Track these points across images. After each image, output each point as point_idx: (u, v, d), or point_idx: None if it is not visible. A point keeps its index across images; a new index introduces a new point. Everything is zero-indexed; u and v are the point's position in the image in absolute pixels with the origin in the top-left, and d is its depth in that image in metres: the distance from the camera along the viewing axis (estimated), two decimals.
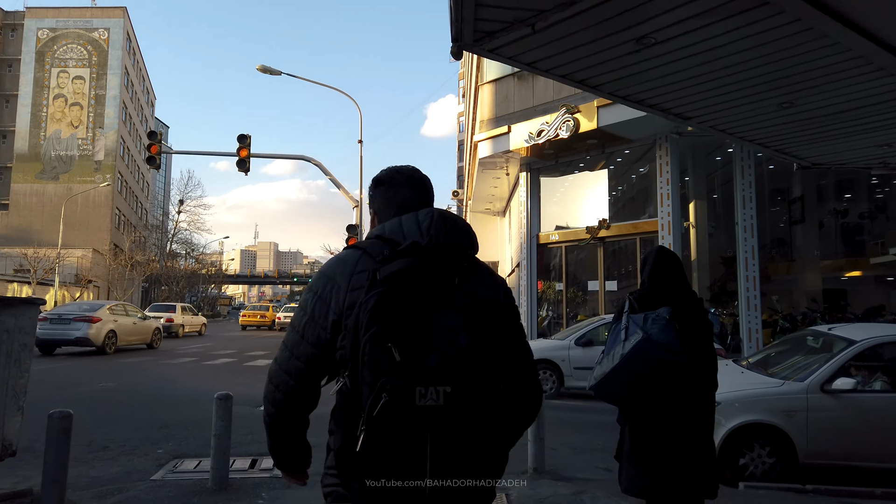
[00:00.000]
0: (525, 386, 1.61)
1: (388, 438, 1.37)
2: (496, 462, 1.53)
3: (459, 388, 1.39)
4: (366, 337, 1.39)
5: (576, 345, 11.07)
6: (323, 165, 19.20)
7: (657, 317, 2.99)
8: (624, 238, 15.16)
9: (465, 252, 1.57)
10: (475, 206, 23.56)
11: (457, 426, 1.39)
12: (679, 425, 3.02)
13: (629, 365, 2.96)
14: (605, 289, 15.32)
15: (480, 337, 1.45)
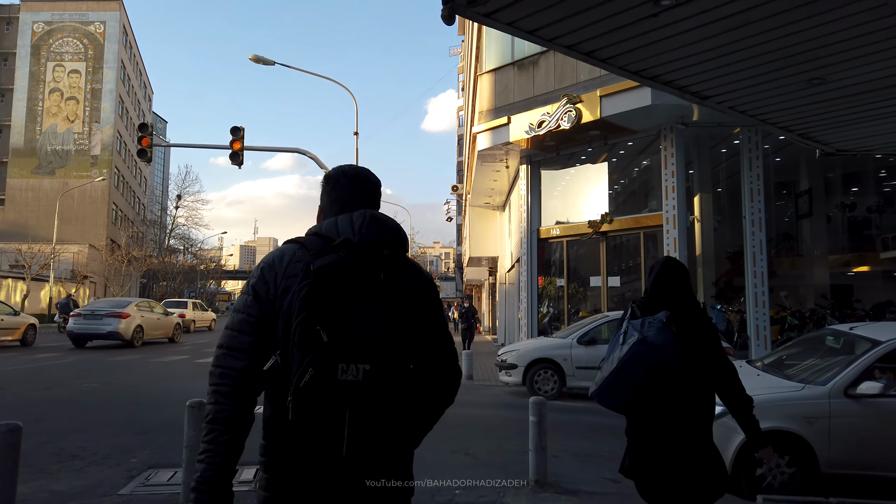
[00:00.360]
0: (442, 370, 1.79)
1: (312, 408, 1.52)
2: (411, 435, 1.72)
3: (377, 366, 1.56)
4: (297, 320, 1.55)
5: (578, 343, 10.65)
6: (318, 158, 18.75)
7: (654, 320, 2.98)
8: (627, 232, 14.71)
9: (393, 250, 1.73)
10: (474, 200, 23.10)
11: (373, 400, 1.56)
12: (678, 429, 2.99)
13: (626, 368, 2.95)
14: (607, 285, 14.88)
15: (400, 324, 1.64)
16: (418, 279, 1.79)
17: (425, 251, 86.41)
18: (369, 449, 1.61)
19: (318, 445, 1.57)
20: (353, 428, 1.57)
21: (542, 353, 10.79)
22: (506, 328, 22.88)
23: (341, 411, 1.55)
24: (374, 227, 1.73)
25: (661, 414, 3.00)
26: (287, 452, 1.61)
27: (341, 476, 1.60)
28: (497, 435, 7.49)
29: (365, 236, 1.70)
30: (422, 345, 1.75)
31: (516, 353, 10.96)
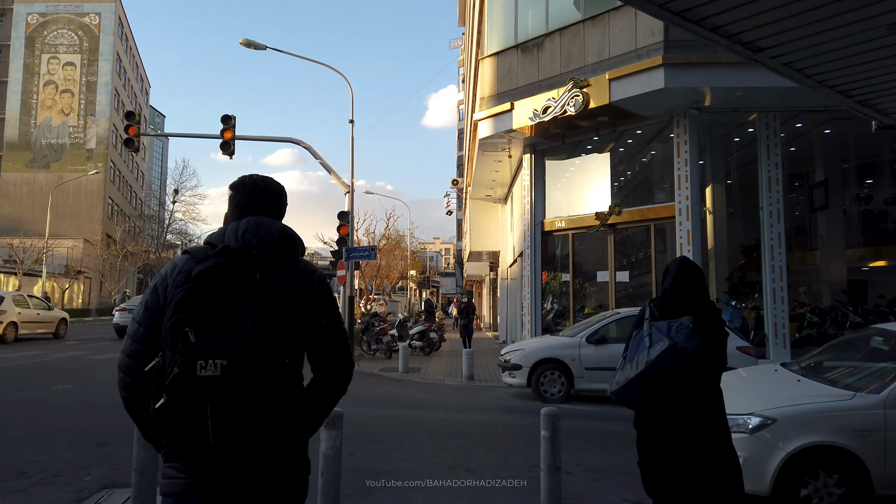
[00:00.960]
0: (328, 362, 1.99)
1: (179, 402, 1.71)
2: (284, 420, 1.80)
3: (234, 361, 1.70)
4: (169, 323, 1.76)
5: (587, 342, 9.91)
6: (312, 148, 17.99)
7: (681, 325, 3.05)
8: (636, 224, 13.95)
9: (277, 252, 1.91)
10: (475, 193, 22.33)
11: (232, 392, 1.70)
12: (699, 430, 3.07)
13: (655, 371, 2.99)
14: (615, 280, 14.13)
15: (275, 321, 1.79)
16: (307, 278, 1.95)
17: (425, 247, 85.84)
18: (238, 436, 1.73)
19: (189, 434, 1.72)
20: (216, 417, 1.69)
21: (549, 352, 10.05)
22: (507, 325, 22.16)
23: (203, 403, 1.69)
24: (258, 231, 1.90)
25: (683, 415, 3.08)
26: (169, 443, 1.77)
27: (215, 461, 1.74)
28: (501, 446, 6.75)
29: (246, 242, 1.88)
30: (312, 338, 1.92)
31: (521, 353, 10.22)
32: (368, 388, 11.46)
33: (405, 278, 39.85)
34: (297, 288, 1.89)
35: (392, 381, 12.59)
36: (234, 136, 18.28)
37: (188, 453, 1.74)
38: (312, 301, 1.92)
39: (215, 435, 1.70)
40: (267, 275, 1.84)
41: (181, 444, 1.74)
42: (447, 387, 11.96)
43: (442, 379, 12.91)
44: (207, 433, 1.69)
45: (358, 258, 15.60)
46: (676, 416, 3.13)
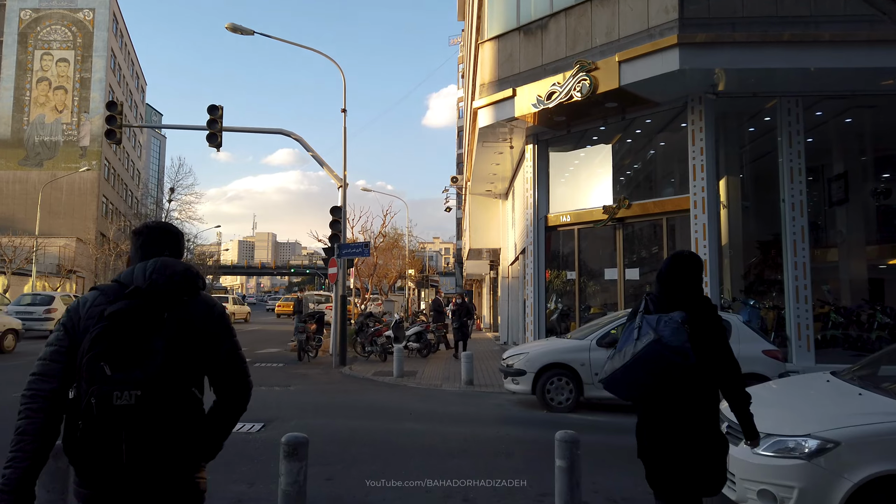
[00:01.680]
0: (228, 387, 2.16)
1: (95, 429, 1.89)
2: (196, 445, 2.05)
3: (148, 391, 1.90)
4: (86, 358, 1.93)
5: (598, 345, 9.01)
6: (304, 140, 17.11)
7: (669, 320, 3.08)
8: (647, 218, 13.05)
9: (180, 290, 2.09)
10: (475, 188, 21.42)
11: (144, 419, 1.90)
12: (685, 422, 3.13)
13: (639, 364, 3.06)
14: (624, 277, 13.23)
15: (181, 353, 2.00)
16: (208, 311, 2.17)
17: (424, 246, 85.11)
18: (147, 458, 1.93)
19: (103, 457, 1.91)
20: (130, 442, 1.90)
21: (556, 357, 9.15)
22: (508, 325, 21.26)
23: (118, 431, 1.90)
24: (164, 272, 2.09)
25: (668, 407, 3.14)
26: (80, 468, 1.96)
27: (127, 480, 1.94)
28: (505, 469, 5.84)
29: (154, 282, 2.06)
30: (213, 365, 2.14)
31: (525, 358, 9.32)
32: (358, 396, 10.57)
33: (403, 277, 38.89)
34: (197, 321, 2.10)
35: (385, 387, 11.69)
36: (222, 127, 17.41)
37: (102, 474, 1.93)
38: (213, 331, 2.14)
39: (128, 457, 1.90)
40: (173, 310, 2.05)
41: (93, 466, 1.92)
42: (445, 393, 11.06)
43: (439, 384, 12.02)
44: (121, 455, 1.89)
45: (351, 255, 14.71)
46: (664, 409, 3.19)
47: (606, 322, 9.76)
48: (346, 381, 12.44)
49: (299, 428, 7.58)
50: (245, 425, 7.56)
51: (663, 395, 3.15)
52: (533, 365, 9.13)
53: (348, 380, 12.73)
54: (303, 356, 15.36)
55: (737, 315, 9.73)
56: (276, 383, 11.75)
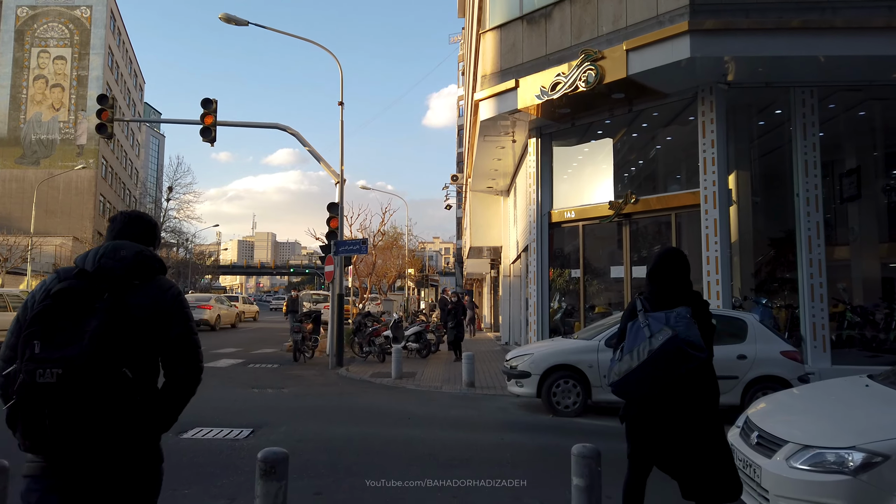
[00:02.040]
0: (176, 368, 2.22)
1: (24, 404, 1.96)
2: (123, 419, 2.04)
3: (69, 371, 1.94)
4: (23, 335, 2.01)
5: (607, 346, 8.53)
6: (300, 135, 16.64)
7: (679, 315, 3.12)
8: (655, 214, 12.58)
9: (131, 273, 2.18)
10: (476, 185, 20.95)
11: (66, 397, 1.95)
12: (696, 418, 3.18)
13: (658, 361, 3.03)
14: (631, 276, 12.76)
15: (112, 335, 2.02)
16: (161, 294, 2.22)
17: (424, 246, 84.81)
18: (73, 432, 1.98)
19: (33, 430, 1.98)
20: (52, 418, 1.95)
21: (562, 358, 8.68)
22: (510, 325, 20.80)
23: (41, 406, 1.95)
24: (113, 256, 2.18)
25: (681, 404, 3.18)
26: (20, 436, 2.01)
27: (58, 451, 2.02)
28: (511, 479, 5.37)
29: (101, 265, 2.15)
30: (163, 347, 2.21)
31: (529, 359, 8.84)
32: (355, 398, 10.10)
33: (403, 277, 38.38)
34: (147, 304, 2.16)
35: (383, 389, 11.22)
36: (216, 121, 16.93)
37: (34, 445, 2.01)
38: (164, 315, 2.20)
39: (52, 431, 1.97)
40: (119, 293, 2.12)
41: (28, 438, 2.00)
42: (445, 396, 10.59)
43: (439, 386, 11.55)
44: (45, 431, 1.97)
45: (348, 252, 14.25)
46: (674, 405, 3.19)
47: (614, 322, 9.29)
48: (343, 383, 11.97)
49: (289, 434, 7.14)
50: (232, 431, 7.10)
51: (675, 393, 3.18)
52: (538, 367, 8.66)
53: (345, 381, 12.26)
54: (298, 357, 14.90)
55: (752, 313, 9.26)
56: (270, 385, 11.29)
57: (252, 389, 10.76)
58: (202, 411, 8.49)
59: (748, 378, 8.30)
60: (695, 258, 12.14)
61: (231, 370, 13.40)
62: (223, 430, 7.14)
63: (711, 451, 3.26)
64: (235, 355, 16.20)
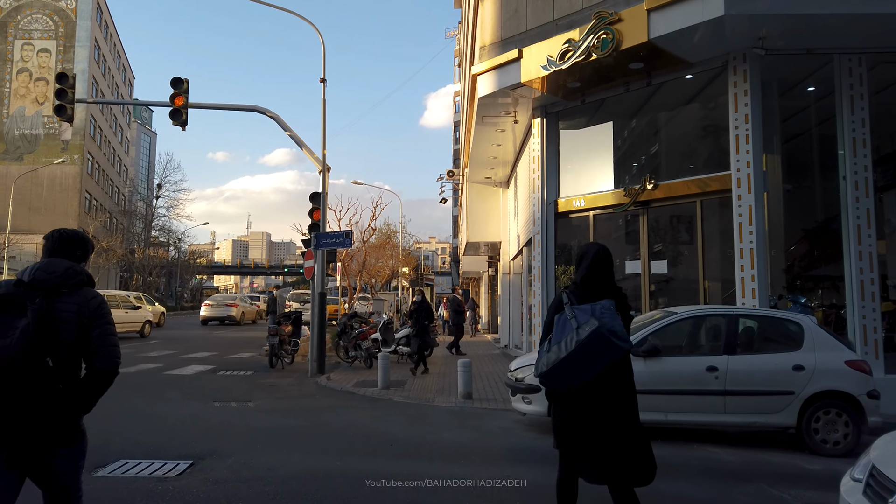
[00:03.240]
0: (93, 362, 2.74)
1: None
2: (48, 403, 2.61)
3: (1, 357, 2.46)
4: None
5: (633, 355, 7.02)
6: (280, 118, 15.12)
7: (604, 307, 3.27)
8: (677, 201, 11.07)
9: (59, 285, 2.73)
10: (473, 175, 19.42)
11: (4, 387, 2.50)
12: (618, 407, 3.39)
13: (585, 351, 3.20)
14: (649, 271, 11.26)
15: (37, 334, 2.53)
16: (85, 302, 2.76)
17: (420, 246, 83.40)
18: (6, 412, 2.52)
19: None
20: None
21: None
22: (510, 327, 19.27)
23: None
24: (46, 269, 2.73)
25: (605, 393, 3.36)
26: None
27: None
28: None
29: (36, 277, 2.70)
30: (85, 344, 2.74)
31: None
32: (332, 415, 8.57)
33: (397, 276, 36.71)
34: (72, 309, 2.71)
35: (366, 402, 9.69)
36: (187, 103, 15.40)
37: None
38: (87, 318, 2.74)
39: None
40: (49, 299, 2.65)
41: None
42: (438, 410, 9.07)
43: (431, 398, 10.03)
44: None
45: (330, 245, 12.71)
46: (599, 395, 3.35)
47: (642, 324, 7.79)
48: (322, 395, 10.43)
49: (235, 470, 5.51)
50: (165, 464, 5.54)
51: (601, 383, 3.32)
52: None
53: (324, 392, 10.72)
54: (275, 363, 13.34)
55: (808, 315, 7.75)
56: (235, 397, 9.75)
57: (213, 403, 9.22)
58: (143, 433, 6.97)
59: (806, 394, 6.80)
60: (724, 251, 10.66)
61: (196, 379, 11.86)
62: (154, 463, 5.59)
63: (631, 437, 3.39)
64: (207, 360, 14.65)
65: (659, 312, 8.08)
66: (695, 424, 7.08)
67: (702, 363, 7.02)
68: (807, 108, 12.20)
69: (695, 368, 7.01)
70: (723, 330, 7.25)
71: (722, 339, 7.20)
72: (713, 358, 7.04)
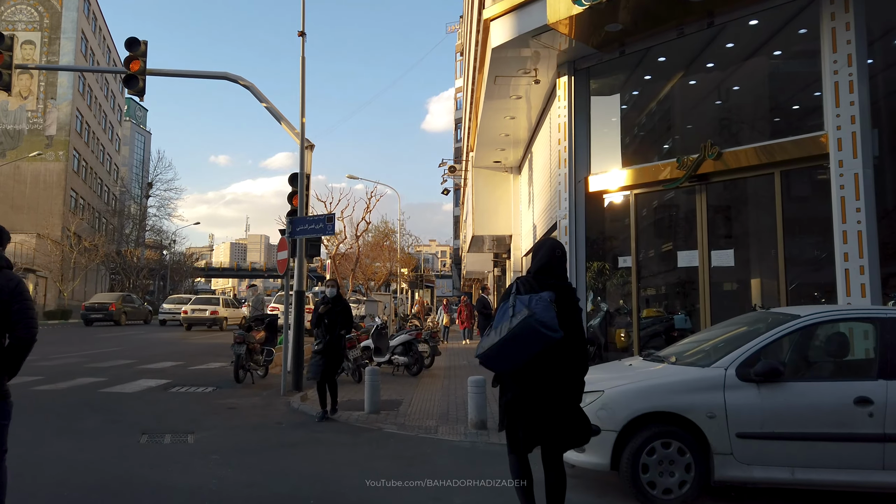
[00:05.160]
0: (13, 333, 3.27)
1: None
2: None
3: None
4: None
5: (741, 378, 4.63)
6: (255, 88, 12.80)
7: (540, 298, 3.46)
8: (749, 174, 8.68)
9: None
10: (480, 159, 17.01)
11: None
12: (552, 389, 3.59)
13: (515, 338, 3.41)
14: (709, 263, 8.87)
15: None
16: (8, 282, 3.31)
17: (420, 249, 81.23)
18: None
19: None
20: None
21: (659, 401, 4.73)
22: None
23: None
24: None
25: (539, 377, 3.57)
26: None
27: None
28: None
29: None
30: (7, 318, 3.26)
31: (598, 401, 4.87)
32: (296, 458, 6.16)
33: (394, 276, 34.16)
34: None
35: (347, 435, 7.28)
36: (145, 68, 13.08)
37: None
38: (8, 296, 3.25)
39: None
40: None
41: None
42: (442, 448, 6.67)
43: (433, 427, 7.64)
44: None
45: (308, 233, 10.32)
46: (535, 379, 3.57)
47: (735, 333, 5.38)
48: (290, 423, 8.01)
49: None
50: None
51: (535, 367, 3.52)
52: (614, 416, 4.72)
53: (295, 419, 8.31)
54: (242, 376, 10.90)
55: None
56: (175, 427, 7.35)
57: (140, 437, 6.82)
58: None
59: None
60: (820, 234, 8.23)
61: (138, 398, 9.45)
62: None
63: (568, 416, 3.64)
64: (165, 373, 12.25)
65: (765, 314, 5.67)
66: (837, 485, 4.65)
67: (846, 392, 4.61)
68: None
69: (835, 400, 4.60)
70: (875, 342, 4.85)
71: (875, 355, 4.80)
72: (863, 384, 4.62)
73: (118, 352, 16.54)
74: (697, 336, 6.32)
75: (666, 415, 4.70)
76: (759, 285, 8.95)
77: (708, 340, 5.60)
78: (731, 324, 5.87)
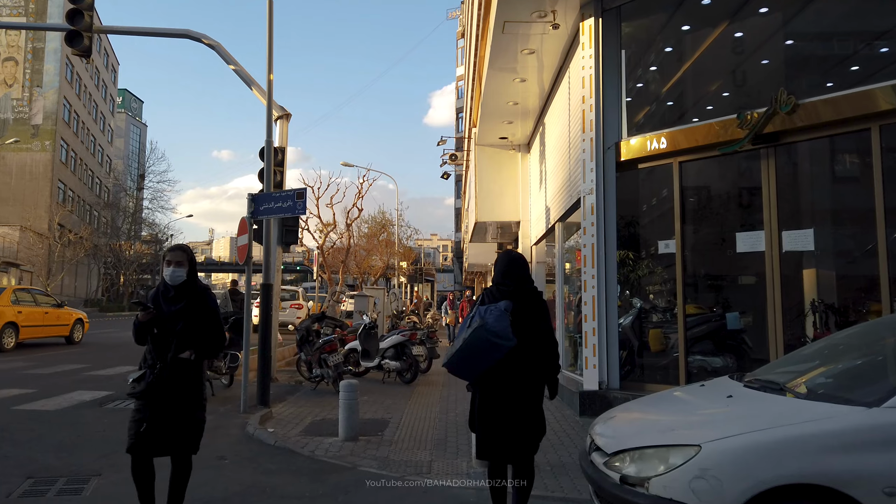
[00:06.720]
0: None
1: None
2: None
3: None
4: None
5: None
6: (221, 47, 10.93)
7: (495, 308, 3.54)
8: (835, 131, 6.72)
9: None
10: (484, 135, 15.01)
11: None
12: (512, 395, 3.67)
13: (469, 347, 3.53)
14: (780, 248, 6.93)
15: None
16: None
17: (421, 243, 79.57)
18: None
19: None
20: None
21: (801, 466, 2.81)
22: None
23: None
24: None
25: (500, 383, 3.66)
26: None
27: None
28: None
29: None
30: None
31: (694, 464, 2.93)
32: None
33: (392, 270, 32.12)
34: None
35: (308, 479, 5.36)
36: (91, 24, 11.16)
37: None
38: None
39: None
40: None
41: None
42: (435, 497, 4.76)
43: (426, 462, 5.75)
44: None
45: (274, 213, 8.37)
46: (498, 385, 3.67)
47: (848, 350, 3.44)
48: (236, 457, 6.09)
49: None
50: None
51: (495, 374, 3.61)
52: (724, 492, 2.79)
53: (244, 449, 6.39)
54: None
55: None
56: (78, 465, 5.46)
57: (20, 483, 4.92)
58: None
59: None
60: None
61: (60, 417, 7.55)
62: None
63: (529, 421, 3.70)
64: (111, 381, 10.35)
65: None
66: None
67: None
68: None
69: None
70: None
71: None
72: None
73: (77, 354, 14.64)
74: (812, 348, 4.36)
75: (813, 489, 2.76)
76: (841, 273, 7.00)
77: (838, 356, 3.65)
78: (867, 333, 3.92)
